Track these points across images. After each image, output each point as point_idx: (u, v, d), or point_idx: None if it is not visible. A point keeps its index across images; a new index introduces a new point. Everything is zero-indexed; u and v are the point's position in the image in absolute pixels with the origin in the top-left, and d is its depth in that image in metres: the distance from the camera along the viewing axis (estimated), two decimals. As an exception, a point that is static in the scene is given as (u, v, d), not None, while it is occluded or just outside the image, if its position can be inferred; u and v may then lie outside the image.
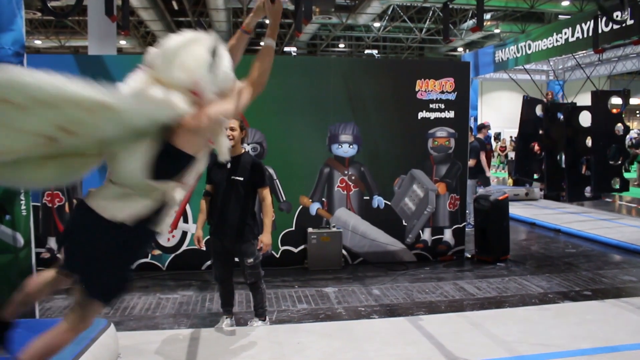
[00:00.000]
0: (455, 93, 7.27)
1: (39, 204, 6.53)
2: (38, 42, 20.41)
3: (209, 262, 6.61)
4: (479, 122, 12.51)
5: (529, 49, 11.27)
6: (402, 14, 19.65)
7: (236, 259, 4.60)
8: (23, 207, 4.30)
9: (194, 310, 5.39)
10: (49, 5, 4.70)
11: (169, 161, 2.50)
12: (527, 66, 12.32)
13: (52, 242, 6.69)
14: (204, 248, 4.67)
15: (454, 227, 7.44)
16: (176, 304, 5.58)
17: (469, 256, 7.54)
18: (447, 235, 7.43)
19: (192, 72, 2.40)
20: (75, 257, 2.60)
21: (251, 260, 4.48)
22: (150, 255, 6.78)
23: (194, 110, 2.43)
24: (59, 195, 6.66)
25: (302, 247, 7.00)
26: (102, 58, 6.88)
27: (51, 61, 6.80)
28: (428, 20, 20.19)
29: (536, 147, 9.93)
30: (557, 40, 10.11)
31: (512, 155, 15.69)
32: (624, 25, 7.95)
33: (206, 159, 2.71)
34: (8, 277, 4.24)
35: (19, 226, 4.27)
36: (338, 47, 26.24)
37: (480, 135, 10.43)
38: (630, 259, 7.59)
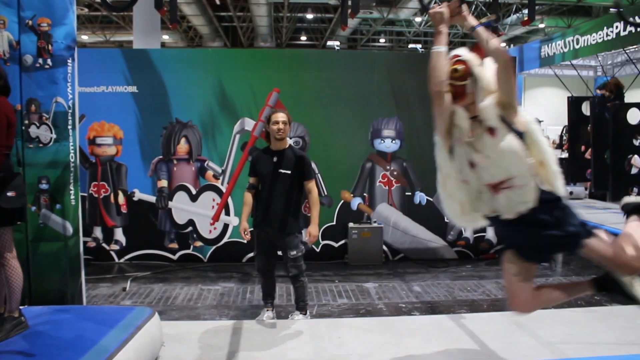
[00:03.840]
0: (501, 88, 7.11)
1: (85, 194, 6.69)
2: (85, 37, 20.90)
3: (249, 255, 6.66)
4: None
5: (577, 43, 10.96)
6: (444, 8, 19.36)
7: (279, 252, 4.61)
8: (72, 196, 4.42)
9: (235, 301, 5.44)
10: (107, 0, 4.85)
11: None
12: (574, 62, 11.98)
13: (97, 232, 6.84)
14: (249, 237, 4.64)
15: (497, 225, 7.29)
16: (217, 295, 5.65)
17: (512, 255, 7.38)
18: (490, 234, 7.30)
19: None
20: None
21: (294, 252, 4.49)
22: (192, 246, 6.88)
23: None
24: (105, 186, 6.81)
25: (342, 241, 6.98)
26: (147, 52, 7.03)
27: (100, 55, 6.97)
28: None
29: (582, 149, 9.69)
30: (607, 35, 9.78)
31: (556, 152, 15.28)
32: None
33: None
34: (58, 264, 4.39)
35: (68, 215, 4.39)
36: (378, 42, 26.03)
37: None
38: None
